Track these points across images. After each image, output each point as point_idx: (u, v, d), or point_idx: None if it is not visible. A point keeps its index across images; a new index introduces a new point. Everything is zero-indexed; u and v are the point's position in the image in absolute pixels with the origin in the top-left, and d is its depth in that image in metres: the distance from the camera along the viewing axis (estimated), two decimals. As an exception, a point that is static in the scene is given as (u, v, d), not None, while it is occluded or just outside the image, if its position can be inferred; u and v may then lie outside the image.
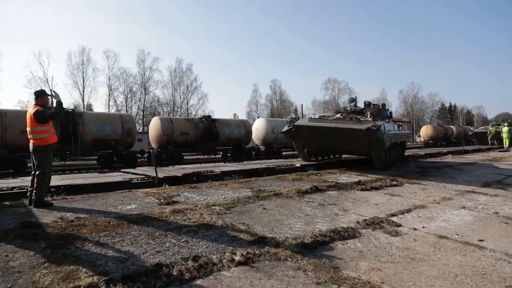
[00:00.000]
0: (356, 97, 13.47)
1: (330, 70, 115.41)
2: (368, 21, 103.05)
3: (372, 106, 12.65)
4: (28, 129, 5.31)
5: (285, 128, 11.44)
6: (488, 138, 29.73)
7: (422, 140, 41.08)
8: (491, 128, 30.17)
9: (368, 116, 11.00)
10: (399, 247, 3.79)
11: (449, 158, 16.18)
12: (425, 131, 39.14)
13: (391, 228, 4.45)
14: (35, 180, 5.25)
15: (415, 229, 4.48)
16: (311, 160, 12.75)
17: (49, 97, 5.59)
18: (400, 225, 4.62)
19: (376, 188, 7.35)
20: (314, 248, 3.63)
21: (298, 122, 11.20)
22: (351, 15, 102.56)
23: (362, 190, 7.12)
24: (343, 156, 14.52)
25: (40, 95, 5.46)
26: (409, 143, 54.48)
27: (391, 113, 14.29)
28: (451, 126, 44.85)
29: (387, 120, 11.59)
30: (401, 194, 6.84)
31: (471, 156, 17.93)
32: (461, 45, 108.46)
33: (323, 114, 12.47)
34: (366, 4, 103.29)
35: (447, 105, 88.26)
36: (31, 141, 5.28)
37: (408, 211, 5.48)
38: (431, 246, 3.85)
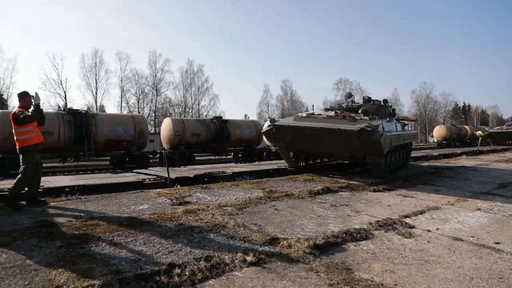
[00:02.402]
0: (353, 94, 12.03)
1: (341, 70, 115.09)
2: (380, 21, 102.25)
3: (372, 102, 11.16)
4: (13, 131, 5.34)
5: (265, 128, 9.83)
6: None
7: (435, 140, 40.58)
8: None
9: (362, 114, 9.55)
10: (412, 249, 3.75)
11: (463, 159, 15.94)
12: (438, 132, 38.66)
13: (404, 230, 4.41)
14: (16, 178, 5.27)
15: (428, 230, 4.43)
16: (298, 166, 11.08)
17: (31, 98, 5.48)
18: (413, 227, 4.57)
19: (388, 189, 7.28)
20: (326, 249, 3.61)
21: (280, 122, 9.82)
22: (363, 15, 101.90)
23: (374, 191, 7.06)
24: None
25: (22, 97, 5.43)
26: (421, 144, 54.00)
27: (393, 110, 12.58)
28: (465, 126, 44.24)
29: (388, 118, 9.96)
30: (414, 195, 6.77)
31: (487, 157, 17.64)
32: (475, 44, 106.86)
33: (312, 112, 10.69)
34: (378, 4, 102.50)
35: (461, 105, 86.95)
36: (16, 143, 5.31)
37: (422, 212, 5.41)
38: (446, 248, 3.80)
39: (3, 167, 13.83)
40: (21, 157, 5.32)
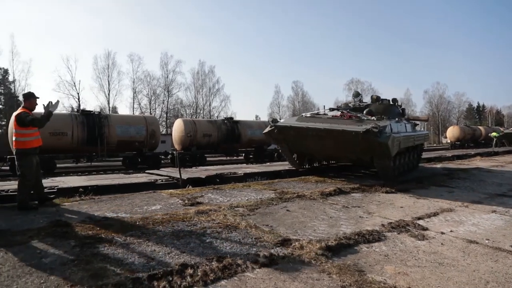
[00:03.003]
0: (361, 93, 11.46)
1: (353, 70, 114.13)
2: (392, 21, 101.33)
3: (380, 101, 10.64)
4: (13, 131, 5.28)
5: (267, 129, 9.45)
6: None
7: (449, 141, 40.02)
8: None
9: (369, 114, 9.09)
10: (426, 251, 3.71)
11: (477, 160, 15.70)
12: (452, 132, 38.12)
13: (418, 232, 4.36)
14: (18, 183, 5.24)
15: (442, 233, 4.37)
16: (303, 168, 10.63)
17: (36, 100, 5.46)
18: (426, 229, 4.52)
19: (401, 191, 7.21)
20: (339, 250, 3.59)
21: (282, 122, 9.43)
22: (375, 15, 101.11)
23: (386, 192, 6.99)
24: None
25: (27, 98, 5.41)
26: (434, 145, 53.31)
27: (403, 109, 11.85)
28: (479, 127, 43.49)
29: (396, 119, 9.51)
30: (427, 197, 6.68)
31: (502, 158, 17.35)
32: (489, 43, 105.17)
33: (317, 112, 10.28)
34: (389, 4, 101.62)
35: (474, 105, 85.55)
36: (13, 143, 5.25)
37: (435, 214, 5.35)
38: (460, 251, 3.75)
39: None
40: (17, 159, 5.26)
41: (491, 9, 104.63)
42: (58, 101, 5.46)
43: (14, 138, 5.21)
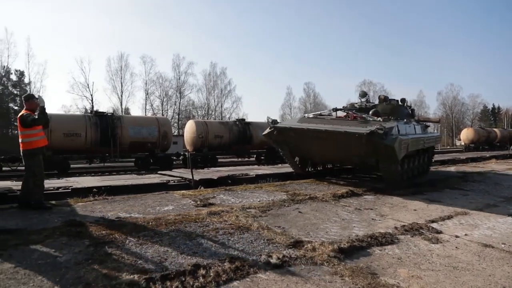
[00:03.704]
0: (368, 93, 10.90)
1: (365, 72, 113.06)
2: (405, 22, 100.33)
3: (388, 101, 10.07)
4: (18, 133, 5.38)
5: (266, 131, 9.02)
6: None
7: (463, 143, 39.40)
8: None
9: (375, 115, 8.52)
10: (440, 254, 3.66)
11: (492, 163, 15.44)
12: (466, 134, 37.52)
13: (431, 235, 4.31)
14: (28, 184, 5.28)
15: (457, 236, 4.32)
16: (306, 171, 10.01)
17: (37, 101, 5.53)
18: (440, 232, 4.47)
19: (414, 193, 7.13)
20: (351, 253, 3.58)
21: (282, 123, 8.95)
22: (386, 16, 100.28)
23: (399, 195, 6.93)
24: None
25: (27, 99, 5.50)
26: (448, 147, 52.57)
27: (413, 110, 11.29)
28: (494, 129, 42.73)
29: (405, 120, 9.04)
30: (440, 200, 6.60)
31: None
32: (504, 43, 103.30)
33: (319, 112, 9.74)
34: (402, 5, 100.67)
35: (489, 106, 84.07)
36: (20, 145, 5.33)
37: (449, 217, 5.28)
38: (475, 255, 3.69)
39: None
40: (25, 160, 5.35)
41: (507, 8, 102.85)
42: (40, 96, 5.56)
43: (20, 140, 5.32)
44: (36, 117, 5.34)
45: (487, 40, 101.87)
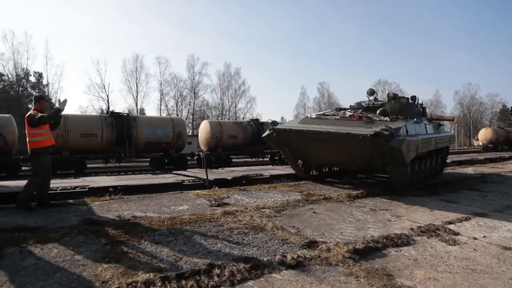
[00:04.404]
0: (376, 91, 10.07)
1: (381, 71, 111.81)
2: (420, 22, 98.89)
3: (397, 99, 9.37)
4: (26, 132, 5.41)
5: (265, 133, 8.60)
6: None
7: (480, 144, 38.60)
8: None
9: (382, 114, 7.88)
10: (457, 256, 3.60)
11: (512, 164, 15.10)
12: (484, 134, 36.69)
13: (448, 237, 4.24)
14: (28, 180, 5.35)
15: (475, 238, 4.24)
16: (309, 174, 9.38)
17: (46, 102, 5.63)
18: (458, 234, 4.39)
19: (430, 194, 7.03)
20: (366, 254, 3.54)
21: (283, 125, 8.59)
22: (402, 15, 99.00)
23: (415, 196, 6.83)
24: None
25: (37, 100, 5.58)
26: (465, 147, 51.61)
27: (424, 108, 10.48)
28: (514, 129, 41.75)
29: (415, 119, 8.45)
30: (458, 201, 6.49)
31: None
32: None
33: (323, 112, 9.19)
34: (417, 4, 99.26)
35: (509, 106, 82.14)
36: (27, 145, 5.35)
37: (467, 219, 5.18)
38: (494, 257, 3.61)
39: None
40: (31, 159, 5.43)
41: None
42: (66, 100, 5.59)
43: (27, 139, 5.35)
44: (44, 114, 5.32)
45: (505, 37, 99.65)
